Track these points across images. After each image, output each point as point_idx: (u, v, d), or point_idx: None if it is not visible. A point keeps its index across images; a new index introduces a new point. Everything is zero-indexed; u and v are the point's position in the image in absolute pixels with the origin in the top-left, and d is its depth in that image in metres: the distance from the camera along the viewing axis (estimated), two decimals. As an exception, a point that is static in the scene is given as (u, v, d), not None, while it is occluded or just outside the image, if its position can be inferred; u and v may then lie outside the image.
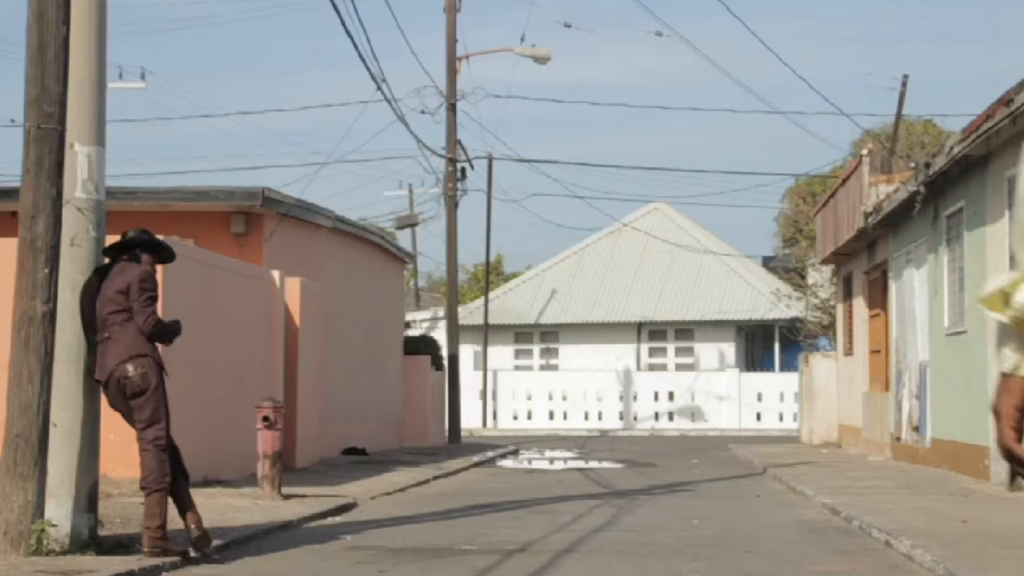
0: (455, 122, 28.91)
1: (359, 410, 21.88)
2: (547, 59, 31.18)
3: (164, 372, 8.98)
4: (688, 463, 21.42)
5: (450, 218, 29.06)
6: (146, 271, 9.01)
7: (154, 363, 8.87)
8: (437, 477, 17.31)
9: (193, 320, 13.74)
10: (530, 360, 42.85)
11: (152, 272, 9.05)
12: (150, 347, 8.90)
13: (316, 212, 19.42)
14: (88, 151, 9.00)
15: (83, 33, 8.93)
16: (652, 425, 37.77)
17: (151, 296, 8.91)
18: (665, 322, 41.52)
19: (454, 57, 29.07)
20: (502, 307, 42.41)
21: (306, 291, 17.89)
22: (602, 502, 13.80)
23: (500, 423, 38.37)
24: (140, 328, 8.83)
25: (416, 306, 46.50)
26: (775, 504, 13.84)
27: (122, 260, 9.07)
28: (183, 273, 13.49)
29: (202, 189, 17.48)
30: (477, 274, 55.86)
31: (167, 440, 8.85)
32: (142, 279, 8.92)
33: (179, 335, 9.31)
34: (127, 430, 9.13)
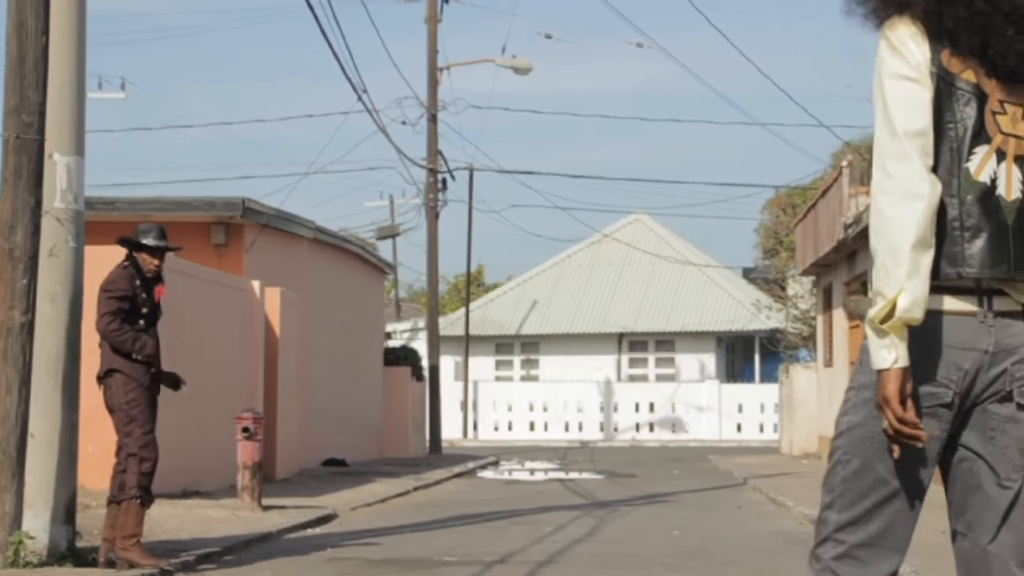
0: (436, 133, 28.92)
1: (339, 421, 21.83)
2: (528, 70, 31.22)
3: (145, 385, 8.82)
4: (669, 474, 21.43)
5: (431, 229, 29.05)
6: (112, 273, 8.90)
7: (125, 378, 8.74)
8: (417, 488, 17.29)
9: (172, 331, 13.70)
10: (511, 371, 42.85)
11: (121, 274, 8.88)
12: (120, 359, 8.78)
13: (296, 222, 19.39)
14: (67, 161, 8.97)
15: (63, 43, 8.90)
16: (633, 436, 37.78)
17: (111, 297, 8.76)
18: (646, 333, 41.57)
19: (435, 68, 29.08)
20: (483, 318, 42.41)
21: (286, 301, 17.86)
22: (583, 513, 13.80)
23: (481, 434, 38.33)
24: (96, 328, 8.76)
25: (397, 317, 46.46)
26: (755, 515, 13.85)
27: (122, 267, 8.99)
28: (163, 283, 13.45)
29: (182, 199, 17.45)
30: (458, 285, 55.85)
31: (144, 451, 8.72)
32: (106, 282, 8.85)
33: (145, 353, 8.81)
34: (105, 441, 9.10)
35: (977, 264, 3.09)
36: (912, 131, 3.08)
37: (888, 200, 3.06)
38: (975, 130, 3.11)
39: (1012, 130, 3.13)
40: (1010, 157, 3.13)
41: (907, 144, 3.07)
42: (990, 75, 3.12)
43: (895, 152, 3.07)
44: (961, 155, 3.11)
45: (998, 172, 3.12)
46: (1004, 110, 3.13)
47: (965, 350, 3.12)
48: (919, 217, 3.03)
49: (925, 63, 3.12)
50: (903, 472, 3.15)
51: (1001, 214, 3.12)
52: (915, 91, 3.10)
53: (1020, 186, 3.14)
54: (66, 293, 8.96)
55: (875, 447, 3.15)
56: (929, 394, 3.11)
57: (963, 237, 3.10)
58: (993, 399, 3.16)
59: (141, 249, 9.02)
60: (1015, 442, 3.16)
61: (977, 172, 3.11)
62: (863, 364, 3.18)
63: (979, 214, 3.11)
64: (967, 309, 3.13)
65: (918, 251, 3.03)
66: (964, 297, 3.14)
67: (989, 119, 3.12)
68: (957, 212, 3.11)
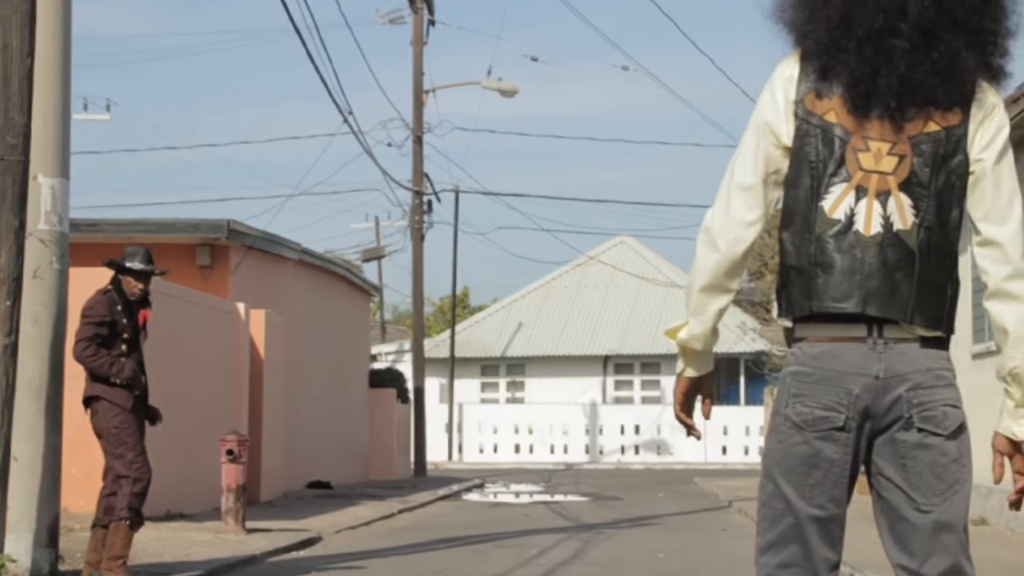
0: (422, 155, 28.95)
1: (324, 443, 21.78)
2: (514, 92, 31.29)
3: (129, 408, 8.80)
4: (654, 496, 21.40)
5: (416, 251, 29.05)
6: (91, 299, 8.87)
7: (108, 404, 8.72)
8: (402, 511, 17.24)
9: (157, 353, 13.67)
10: (496, 393, 42.80)
11: (100, 299, 8.85)
12: (101, 386, 8.76)
13: (282, 244, 19.37)
14: (52, 183, 8.96)
15: (48, 64, 8.90)
16: (618, 458, 37.75)
17: (88, 322, 8.74)
18: (631, 355, 41.57)
19: (421, 90, 29.12)
20: (468, 340, 42.37)
21: (271, 323, 17.83)
22: (568, 536, 13.77)
23: (466, 456, 38.26)
24: (72, 354, 8.74)
25: (382, 339, 46.41)
26: (741, 537, 13.84)
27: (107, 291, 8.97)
28: (147, 305, 13.42)
29: (167, 221, 17.42)
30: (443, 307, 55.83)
31: (137, 472, 8.71)
32: (84, 307, 8.83)
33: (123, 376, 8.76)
34: (89, 464, 9.07)
35: (828, 298, 3.20)
36: (739, 185, 3.26)
37: (700, 239, 3.33)
38: (833, 168, 3.19)
39: (874, 167, 3.18)
40: (871, 193, 3.18)
41: (731, 195, 3.27)
42: (850, 113, 3.18)
43: (721, 198, 3.29)
44: (818, 194, 3.21)
45: (856, 209, 3.19)
46: (867, 147, 3.18)
47: (855, 375, 3.20)
48: (713, 267, 3.29)
49: (788, 107, 3.23)
50: (811, 493, 3.22)
51: (856, 250, 3.19)
52: (755, 146, 3.25)
53: (881, 220, 3.19)
54: (50, 315, 8.94)
55: (782, 471, 3.25)
56: (821, 418, 3.21)
57: (815, 273, 3.21)
58: (896, 427, 3.22)
59: (126, 272, 9.00)
60: (928, 467, 3.21)
61: (832, 210, 3.20)
62: (777, 392, 3.32)
63: (832, 250, 3.20)
64: (855, 335, 3.21)
65: (706, 294, 3.32)
66: (853, 325, 3.21)
67: (851, 156, 3.19)
68: (812, 249, 3.22)
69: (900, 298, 3.18)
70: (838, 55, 3.16)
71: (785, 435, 3.24)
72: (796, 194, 3.23)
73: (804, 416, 3.21)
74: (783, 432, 3.25)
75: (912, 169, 3.17)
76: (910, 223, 3.18)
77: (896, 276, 3.18)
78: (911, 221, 3.18)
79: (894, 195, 3.18)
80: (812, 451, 3.20)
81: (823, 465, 3.20)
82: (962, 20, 3.14)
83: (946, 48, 3.13)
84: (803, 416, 3.21)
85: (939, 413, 3.21)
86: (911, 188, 3.18)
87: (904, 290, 3.18)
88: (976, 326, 14.34)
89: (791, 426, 3.23)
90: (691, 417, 3.42)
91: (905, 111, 3.15)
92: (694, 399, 3.42)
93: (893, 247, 3.18)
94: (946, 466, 3.21)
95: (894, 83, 3.13)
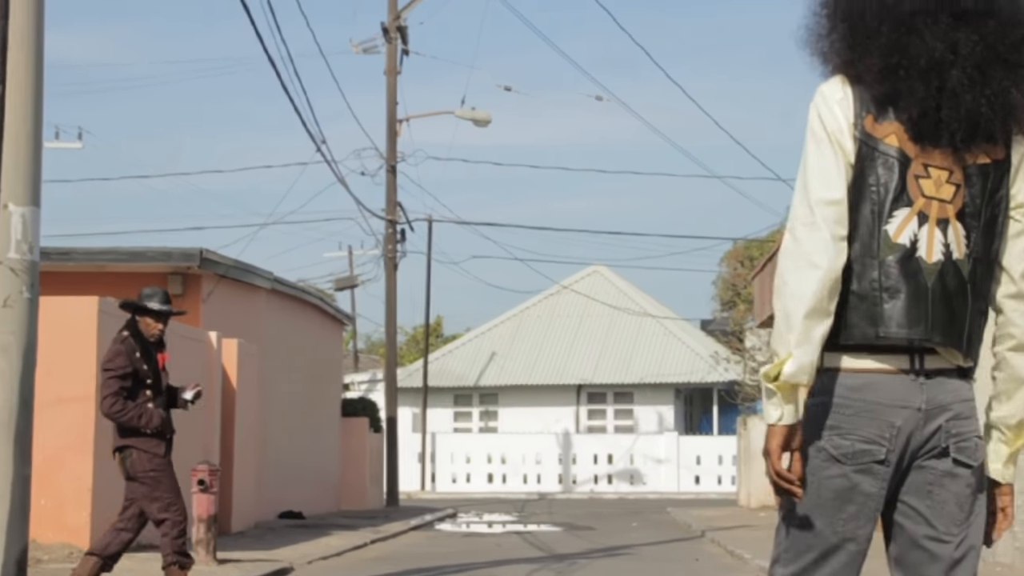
0: (395, 184, 28.95)
1: (296, 473, 21.68)
2: (487, 122, 31.34)
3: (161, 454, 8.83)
4: (627, 526, 21.37)
5: (389, 280, 29.02)
6: (111, 350, 8.90)
7: (140, 452, 8.77)
8: (375, 541, 17.16)
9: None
10: (469, 422, 42.72)
11: (120, 349, 8.86)
12: (132, 437, 8.80)
13: (254, 273, 19.32)
14: (23, 211, 8.91)
15: (20, 92, 8.86)
16: (591, 488, 37.70)
17: (112, 376, 8.76)
18: (604, 384, 41.58)
19: (394, 119, 29.15)
20: (441, 369, 42.31)
21: (243, 353, 17.76)
22: (540, 566, 13.73)
23: (439, 486, 38.15)
24: (100, 411, 8.81)
25: (355, 368, 46.30)
26: (713, 568, 13.82)
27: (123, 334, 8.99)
28: (118, 334, 13.36)
29: (138, 250, 17.36)
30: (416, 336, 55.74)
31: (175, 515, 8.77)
32: (105, 360, 8.84)
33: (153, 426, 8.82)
34: (58, 494, 9.01)
35: (895, 325, 3.17)
36: (825, 200, 3.16)
37: (789, 265, 3.16)
38: (896, 194, 3.18)
39: (935, 194, 3.20)
40: (932, 220, 3.20)
41: (818, 212, 3.15)
42: (913, 140, 3.19)
43: (805, 219, 3.16)
44: (881, 218, 3.18)
45: (919, 235, 3.20)
46: (928, 174, 3.20)
47: (897, 407, 3.19)
48: (815, 287, 3.12)
49: (848, 128, 3.20)
50: (844, 527, 3.20)
51: (921, 276, 3.19)
52: (834, 159, 3.18)
53: (942, 248, 3.21)
54: (20, 344, 8.87)
55: (814, 503, 3.22)
56: (863, 451, 3.18)
57: (881, 298, 3.18)
58: (930, 455, 3.23)
59: (145, 313, 8.98)
60: (953, 497, 3.23)
61: (896, 234, 3.19)
62: (803, 423, 3.24)
63: (897, 276, 3.18)
64: (898, 367, 3.21)
65: (810, 320, 3.12)
66: (895, 356, 3.21)
67: (912, 183, 3.19)
68: (876, 273, 3.19)
69: (957, 327, 3.21)
70: (897, 83, 3.17)
71: (819, 467, 3.20)
72: (856, 217, 3.19)
73: (844, 449, 3.19)
74: (817, 464, 3.20)
75: (966, 199, 3.22)
76: (963, 252, 3.22)
77: (954, 305, 3.21)
78: (964, 251, 3.22)
79: (952, 223, 3.21)
80: (849, 484, 3.19)
81: (858, 499, 3.19)
82: (1006, 57, 3.19)
83: (998, 85, 3.17)
84: (843, 449, 3.19)
85: (972, 444, 3.25)
86: (965, 218, 3.22)
87: (960, 319, 3.22)
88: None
89: (827, 458, 3.20)
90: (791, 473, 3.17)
91: (967, 143, 3.18)
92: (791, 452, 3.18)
93: (952, 275, 3.21)
94: (968, 497, 3.25)
95: (962, 115, 3.15)
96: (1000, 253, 3.28)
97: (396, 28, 28.88)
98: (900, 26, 3.18)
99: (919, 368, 3.21)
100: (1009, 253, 3.29)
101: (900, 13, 3.19)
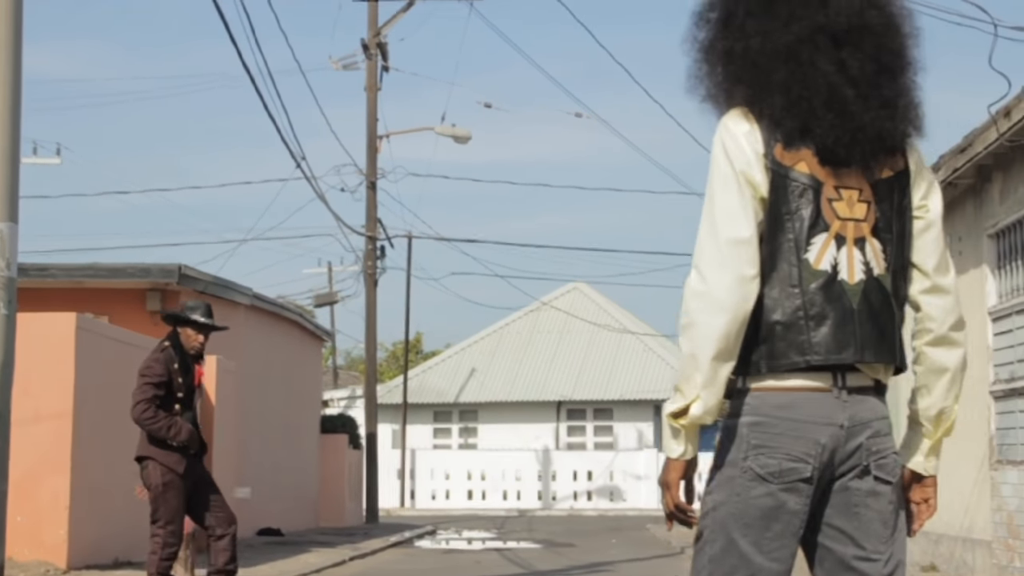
0: (375, 200, 28.94)
1: (275, 490, 21.61)
2: (467, 139, 31.37)
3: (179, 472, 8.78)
4: (607, 543, 21.35)
5: (369, 296, 28.99)
6: (149, 357, 8.92)
7: (157, 464, 8.75)
8: (353, 558, 17.11)
9: (106, 398, 13.55)
10: (449, 439, 42.66)
11: (158, 357, 8.88)
12: (155, 447, 8.78)
13: (233, 289, 19.28)
14: (0, 227, 8.88)
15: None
16: (571, 505, 37.66)
17: (147, 383, 8.78)
18: (584, 401, 41.56)
19: (374, 135, 29.15)
20: (421, 385, 42.25)
21: (222, 369, 17.71)
22: (520, 583, 13.70)
23: (418, 503, 38.07)
24: (131, 415, 8.80)
25: (334, 384, 46.22)
26: (693, 585, 13.80)
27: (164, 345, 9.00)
28: (97, 351, 13.32)
29: (117, 266, 17.30)
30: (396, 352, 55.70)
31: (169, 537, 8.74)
32: (143, 366, 8.86)
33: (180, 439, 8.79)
34: (34, 511, 8.96)
35: (823, 351, 3.18)
36: (733, 240, 3.14)
37: (699, 307, 3.14)
38: (812, 220, 3.20)
39: (849, 214, 3.23)
40: (850, 241, 3.23)
41: (726, 252, 3.13)
42: (823, 164, 3.21)
43: (713, 258, 3.14)
44: (800, 246, 3.19)
45: (839, 258, 3.22)
46: (840, 196, 3.23)
47: (822, 425, 3.20)
48: (724, 331, 3.12)
49: (757, 160, 3.20)
50: (770, 546, 3.20)
51: (845, 299, 3.21)
52: (740, 197, 3.17)
53: (862, 267, 3.24)
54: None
55: (740, 524, 3.22)
56: (789, 469, 3.19)
57: (808, 326, 3.19)
58: (851, 475, 3.25)
59: (188, 324, 9.00)
60: (878, 515, 3.26)
61: (817, 261, 3.21)
62: (724, 444, 3.27)
63: (822, 302, 3.19)
64: (822, 385, 3.22)
65: (717, 362, 3.13)
66: (819, 374, 3.22)
67: (826, 207, 3.21)
68: (800, 302, 3.19)
69: (888, 342, 3.25)
70: (804, 115, 3.20)
71: (744, 488, 3.21)
72: (774, 247, 3.20)
73: (771, 468, 3.19)
74: (741, 485, 3.21)
75: (878, 215, 3.26)
76: (883, 267, 3.26)
77: (882, 321, 3.24)
78: (883, 266, 3.26)
79: (869, 241, 3.24)
80: (776, 503, 3.19)
81: (784, 518, 3.19)
82: (890, 66, 3.25)
83: (890, 94, 3.24)
84: (769, 468, 3.19)
85: (891, 460, 3.28)
86: (879, 233, 3.26)
87: (889, 334, 3.25)
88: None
89: (753, 478, 3.20)
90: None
91: (869, 159, 3.23)
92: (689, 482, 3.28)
93: (875, 292, 3.24)
94: (891, 514, 3.28)
95: (867, 132, 3.20)
96: (911, 254, 3.32)
97: (376, 44, 28.90)
98: (788, 59, 3.21)
99: (842, 385, 3.23)
100: (919, 250, 3.33)
101: (782, 45, 3.22)
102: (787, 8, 3.24)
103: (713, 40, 3.33)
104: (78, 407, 12.86)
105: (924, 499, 3.39)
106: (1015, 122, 10.61)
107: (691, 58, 3.38)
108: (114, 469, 13.92)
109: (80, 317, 13.15)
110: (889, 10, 3.29)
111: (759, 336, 3.20)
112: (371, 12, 29.06)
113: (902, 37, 3.29)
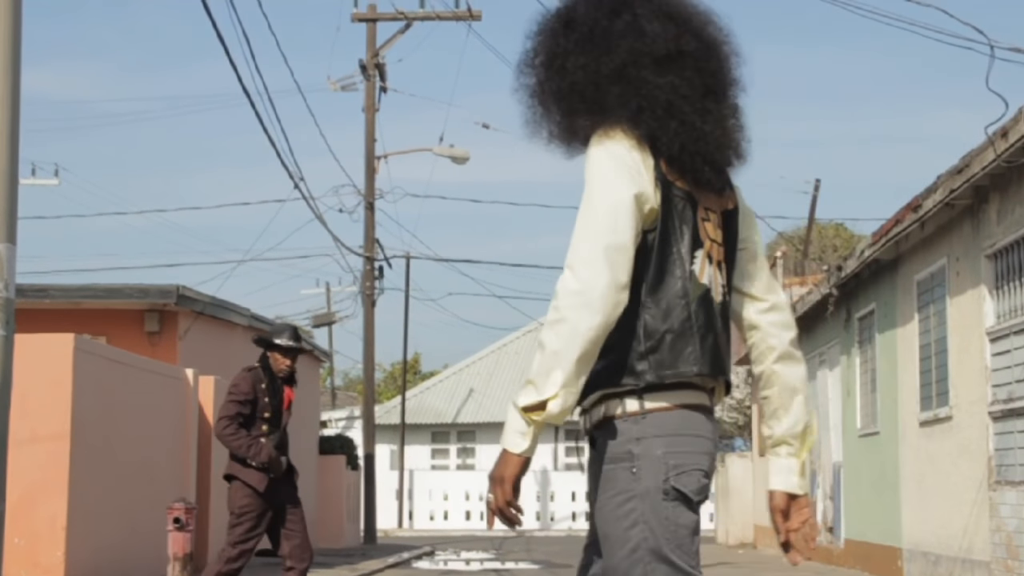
0: (373, 221, 28.97)
1: (273, 511, 21.54)
2: (466, 159, 31.41)
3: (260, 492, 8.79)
4: (605, 564, 21.26)
5: (367, 317, 28.99)
6: (237, 376, 9.00)
7: (240, 485, 8.77)
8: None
9: (104, 419, 13.54)
10: (447, 459, 42.62)
11: (245, 377, 8.97)
12: (237, 466, 8.80)
13: (231, 310, 19.27)
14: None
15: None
16: (569, 525, 37.61)
17: (232, 400, 8.85)
18: (582, 421, 41.53)
19: (373, 156, 29.19)
20: (419, 406, 42.23)
21: (220, 390, 17.68)
22: (518, 604, 13.67)
23: (416, 523, 38.01)
24: (214, 431, 8.86)
25: (332, 405, 46.18)
26: (691, 606, 13.77)
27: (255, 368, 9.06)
28: (95, 372, 13.31)
29: (115, 287, 17.30)
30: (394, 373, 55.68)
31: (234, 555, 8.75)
32: (231, 384, 8.94)
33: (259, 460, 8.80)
34: (32, 533, 8.94)
35: (708, 364, 3.21)
36: (613, 245, 3.08)
37: (572, 303, 3.06)
38: (693, 235, 3.23)
39: (714, 236, 3.28)
40: (715, 261, 3.28)
41: (604, 256, 3.07)
42: (693, 186, 3.25)
43: (590, 260, 3.07)
44: (685, 259, 3.21)
45: (711, 275, 3.27)
46: (708, 216, 3.28)
47: (709, 440, 3.26)
48: (593, 334, 3.06)
49: (649, 170, 3.19)
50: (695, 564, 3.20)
51: (715, 316, 3.26)
52: (627, 204, 3.13)
53: (722, 288, 3.31)
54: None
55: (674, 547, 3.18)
56: (704, 486, 3.22)
57: (696, 338, 3.20)
58: None
59: (274, 348, 9.07)
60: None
61: (700, 275, 3.25)
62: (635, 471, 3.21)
63: (704, 316, 3.23)
64: (704, 403, 3.27)
65: (581, 364, 3.07)
66: (700, 392, 3.26)
67: (700, 225, 3.26)
68: (688, 313, 3.20)
69: (728, 363, 3.33)
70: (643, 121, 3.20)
71: (673, 511, 3.17)
72: (663, 257, 3.19)
73: (692, 486, 3.19)
74: (670, 508, 3.17)
75: (726, 242, 3.34)
76: (723, 293, 3.34)
77: (728, 343, 3.33)
78: (724, 291, 3.34)
79: (723, 263, 3.32)
80: (696, 518, 3.23)
81: (698, 531, 3.24)
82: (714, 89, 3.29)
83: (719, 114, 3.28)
84: (691, 487, 3.19)
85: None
86: (725, 259, 3.34)
87: (728, 356, 3.33)
88: (923, 393, 14.44)
89: (677, 498, 3.17)
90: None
91: (719, 180, 3.29)
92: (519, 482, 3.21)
93: (724, 315, 3.32)
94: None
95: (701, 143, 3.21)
96: (739, 282, 3.40)
97: (374, 65, 28.96)
98: (618, 79, 3.22)
99: (711, 404, 3.30)
100: (750, 277, 3.41)
101: (608, 70, 3.23)
102: (605, 41, 3.24)
103: (541, 82, 3.33)
104: (76, 428, 12.84)
105: (803, 521, 3.40)
106: (1012, 143, 10.64)
107: (525, 105, 3.38)
108: (112, 491, 13.90)
109: (78, 338, 13.14)
110: (706, 34, 3.31)
111: (647, 345, 3.17)
112: (369, 33, 29.14)
113: (721, 60, 3.32)
